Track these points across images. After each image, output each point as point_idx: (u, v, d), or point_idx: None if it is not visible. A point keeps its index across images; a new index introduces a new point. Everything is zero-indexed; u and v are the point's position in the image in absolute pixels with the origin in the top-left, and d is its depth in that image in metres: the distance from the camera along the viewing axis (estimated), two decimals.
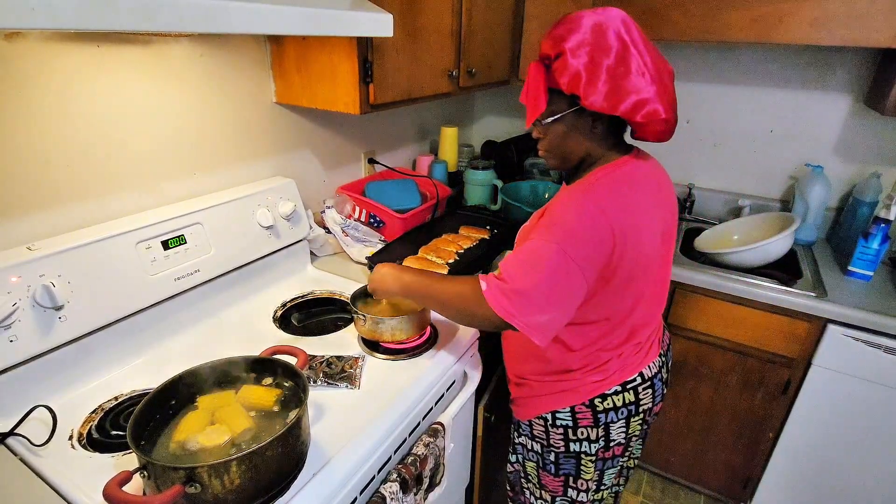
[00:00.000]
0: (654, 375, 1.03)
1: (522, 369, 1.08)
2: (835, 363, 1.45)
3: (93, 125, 0.99)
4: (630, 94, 0.83)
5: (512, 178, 2.00)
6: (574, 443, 1.03)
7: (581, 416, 1.01)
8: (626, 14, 0.85)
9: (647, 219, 0.90)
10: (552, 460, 1.07)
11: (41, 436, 0.81)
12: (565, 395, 1.01)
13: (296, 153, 1.50)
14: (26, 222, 0.93)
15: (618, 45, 0.83)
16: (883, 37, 1.34)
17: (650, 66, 0.84)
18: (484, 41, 1.61)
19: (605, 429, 1.01)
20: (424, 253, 1.43)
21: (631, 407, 1.01)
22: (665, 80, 0.86)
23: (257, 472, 0.68)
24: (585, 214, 0.84)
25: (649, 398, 1.03)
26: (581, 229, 0.83)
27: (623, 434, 1.03)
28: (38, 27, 0.51)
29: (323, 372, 1.00)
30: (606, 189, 0.88)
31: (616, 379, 0.99)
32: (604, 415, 1.00)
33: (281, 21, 0.78)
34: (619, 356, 0.98)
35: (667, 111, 0.86)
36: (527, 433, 1.10)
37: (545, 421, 1.04)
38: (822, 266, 1.62)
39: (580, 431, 1.02)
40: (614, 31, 0.83)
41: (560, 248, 0.82)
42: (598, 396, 0.99)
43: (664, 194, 0.97)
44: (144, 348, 1.05)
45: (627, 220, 0.85)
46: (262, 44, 1.30)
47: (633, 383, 1.00)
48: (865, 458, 1.50)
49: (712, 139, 1.96)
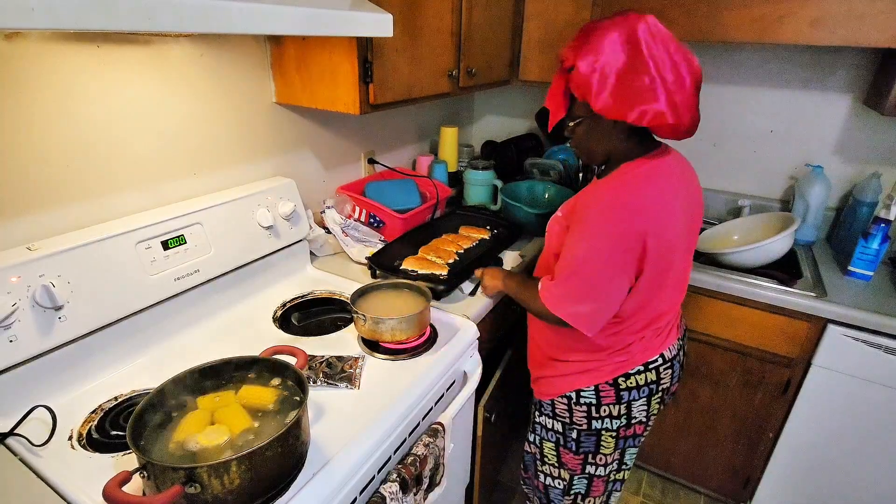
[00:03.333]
0: (674, 357, 1.10)
1: (548, 350, 1.14)
2: (835, 363, 1.45)
3: (93, 125, 0.99)
4: (637, 104, 0.88)
5: (512, 178, 2.00)
6: (597, 420, 1.10)
7: (605, 394, 1.07)
8: (648, 20, 0.89)
9: (672, 213, 0.95)
10: (574, 438, 1.14)
11: (41, 436, 0.81)
12: (590, 374, 1.07)
13: (296, 153, 1.50)
14: (26, 222, 0.93)
15: (629, 55, 0.87)
16: (883, 37, 1.34)
17: (665, 72, 0.87)
18: (484, 41, 1.61)
19: (628, 407, 1.08)
20: (424, 253, 1.43)
21: (652, 386, 1.08)
22: (685, 85, 0.89)
23: (257, 472, 0.68)
24: (614, 210, 0.92)
25: (668, 378, 1.09)
26: (610, 225, 0.91)
27: (644, 412, 1.10)
28: (38, 27, 0.51)
29: (323, 372, 1.00)
30: (633, 188, 0.93)
31: (639, 359, 1.06)
32: (626, 393, 1.07)
33: (281, 21, 0.78)
34: (640, 339, 1.05)
35: (676, 116, 0.89)
36: (548, 412, 1.16)
37: (569, 399, 1.11)
38: (822, 266, 1.62)
39: (603, 409, 1.08)
40: (628, 40, 0.87)
41: (591, 245, 0.92)
42: (621, 375, 1.06)
43: (689, 188, 1.02)
44: (144, 348, 1.05)
45: (654, 220, 0.92)
46: (262, 44, 1.30)
47: (655, 364, 1.07)
48: (865, 457, 1.50)
49: (712, 139, 1.96)
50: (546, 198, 1.92)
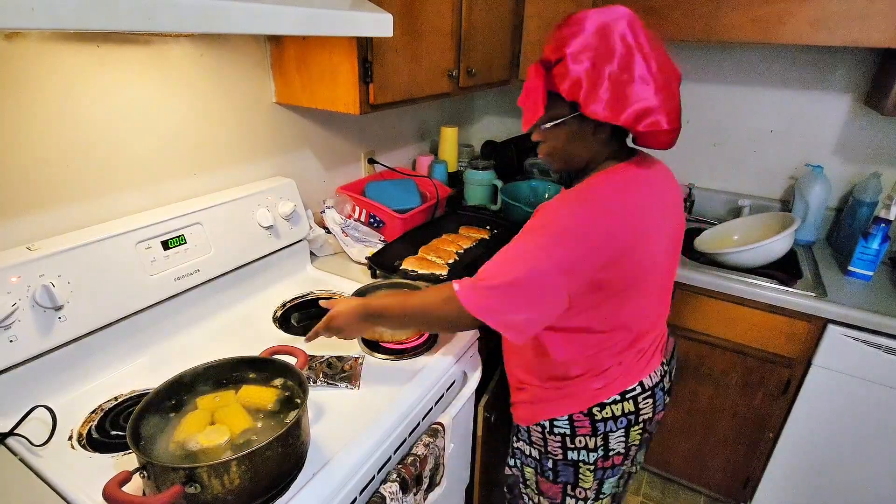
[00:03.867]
0: (656, 385, 1.00)
1: (523, 375, 1.06)
2: (835, 363, 1.45)
3: (93, 125, 0.99)
4: (632, 104, 0.80)
5: (512, 178, 2.00)
6: (572, 451, 1.01)
7: (579, 424, 0.98)
8: (632, 13, 0.82)
9: (649, 224, 0.86)
10: (550, 467, 1.05)
11: (41, 436, 0.81)
12: (563, 402, 0.99)
13: (296, 153, 1.50)
14: (26, 222, 0.93)
15: (622, 49, 0.79)
16: (883, 37, 1.34)
17: (656, 71, 0.80)
18: (484, 41, 1.61)
19: (604, 438, 0.99)
20: (424, 253, 1.43)
21: (630, 416, 0.98)
22: (672, 87, 0.83)
23: (257, 472, 0.68)
24: (578, 219, 0.81)
25: (650, 408, 1.00)
26: (572, 234, 0.80)
27: (622, 444, 1.00)
28: (38, 27, 0.51)
29: (323, 372, 1.00)
30: (604, 194, 0.85)
31: (616, 387, 0.96)
32: (602, 424, 0.97)
33: (281, 21, 0.78)
34: (619, 363, 0.96)
35: (671, 121, 0.82)
36: (525, 439, 1.08)
37: (543, 428, 1.02)
38: (822, 266, 1.62)
39: (578, 440, 1.00)
40: (619, 33, 0.80)
41: (543, 251, 0.80)
42: (596, 405, 0.97)
43: (669, 199, 0.94)
44: (144, 348, 1.05)
45: (627, 227, 0.82)
46: (262, 44, 1.30)
47: (633, 393, 0.97)
48: (865, 457, 1.50)
49: (712, 139, 1.96)
50: (546, 198, 1.92)
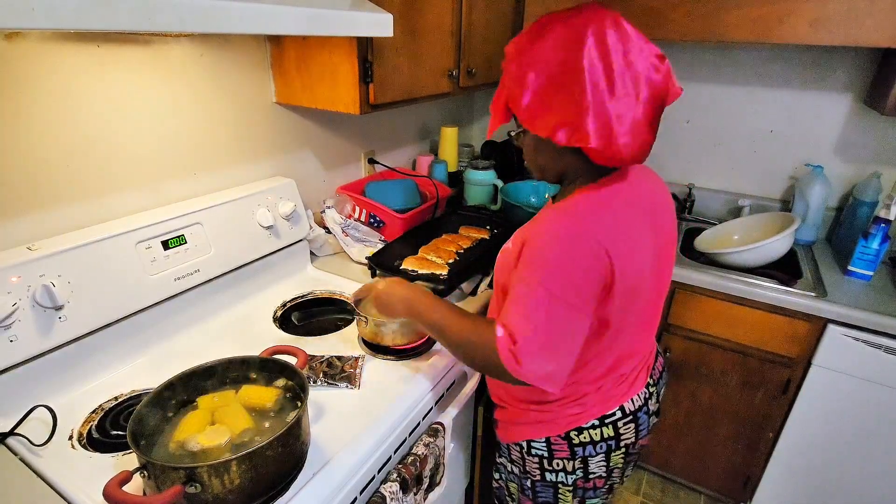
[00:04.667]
0: (639, 409, 0.95)
1: (502, 394, 1.02)
2: (835, 363, 1.45)
3: (93, 125, 0.99)
4: (556, 118, 0.74)
5: (512, 178, 1.99)
6: (550, 472, 0.97)
7: (557, 447, 0.94)
8: (609, 18, 0.74)
9: (636, 242, 0.81)
10: (529, 486, 1.02)
11: (41, 436, 0.81)
12: (541, 425, 0.95)
13: (296, 153, 1.50)
14: (26, 222, 0.93)
15: (564, 58, 0.73)
16: (883, 37, 1.34)
17: (609, 82, 0.72)
18: (484, 41, 1.61)
19: (583, 462, 0.94)
20: (424, 253, 1.43)
21: (611, 442, 0.93)
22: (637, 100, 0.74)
23: (257, 472, 0.68)
24: (565, 242, 0.76)
25: (631, 433, 0.94)
26: (564, 261, 0.75)
27: (604, 468, 0.96)
28: (38, 27, 0.51)
29: (323, 372, 1.00)
30: (588, 212, 0.79)
31: (594, 412, 0.91)
32: (581, 448, 0.93)
33: (281, 21, 0.78)
34: (598, 389, 0.91)
35: (605, 139, 0.73)
36: (506, 455, 1.06)
37: (521, 448, 0.99)
38: (822, 266, 1.62)
39: (556, 462, 0.96)
40: (572, 39, 0.73)
41: (547, 290, 0.74)
42: (574, 430, 0.92)
43: (659, 213, 0.88)
44: (144, 348, 1.05)
45: (618, 244, 0.77)
46: (262, 44, 1.30)
47: (613, 418, 0.92)
48: (865, 457, 1.50)
49: (712, 139, 1.96)
50: (546, 198, 1.92)
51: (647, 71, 0.75)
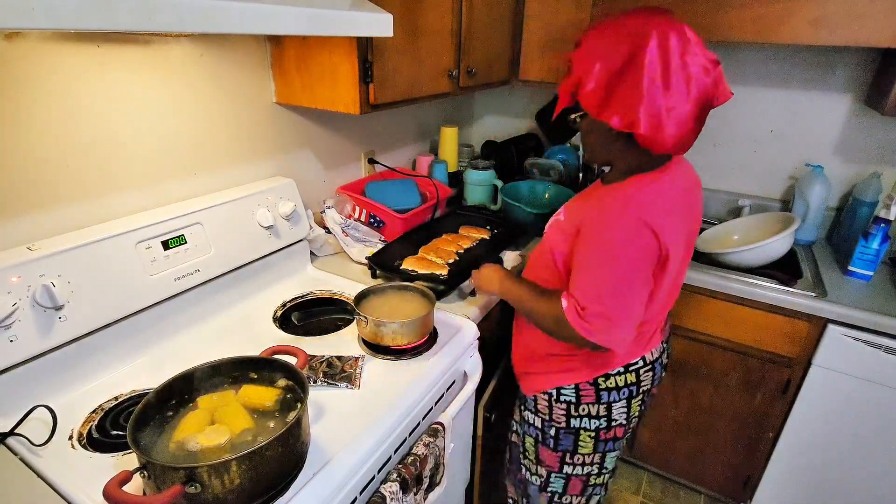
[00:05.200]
0: (656, 360, 1.10)
1: (532, 347, 1.13)
2: (835, 363, 1.45)
3: (93, 125, 0.99)
4: (615, 106, 0.84)
5: (512, 178, 1.99)
6: (575, 419, 1.10)
7: (584, 393, 1.07)
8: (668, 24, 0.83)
9: (678, 227, 0.93)
10: (552, 435, 1.13)
11: (41, 436, 0.81)
12: (571, 373, 1.07)
13: (296, 153, 1.50)
14: (26, 222, 0.93)
15: (626, 56, 0.83)
16: (883, 37, 1.34)
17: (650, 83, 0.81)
18: (484, 41, 1.61)
19: (608, 408, 1.08)
20: (424, 253, 1.43)
21: (632, 388, 1.07)
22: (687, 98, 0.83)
23: (257, 472, 0.68)
24: (629, 228, 0.87)
25: (649, 380, 1.10)
26: (629, 243, 0.88)
27: (624, 414, 1.09)
28: (38, 27, 0.51)
29: (323, 372, 1.00)
30: (645, 200, 0.90)
31: (620, 361, 1.05)
32: (606, 393, 1.07)
33: (281, 21, 0.78)
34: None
35: (653, 127, 0.83)
36: (531, 408, 1.16)
37: (549, 396, 1.11)
38: (822, 266, 1.62)
39: (582, 408, 1.08)
40: (634, 39, 0.82)
41: (615, 267, 0.88)
42: (601, 376, 1.06)
43: (693, 200, 1.00)
44: (144, 348, 1.05)
45: (667, 230, 0.89)
46: (262, 44, 1.30)
47: (636, 366, 1.07)
48: (865, 457, 1.50)
49: (712, 139, 1.96)
50: (546, 198, 1.92)
51: (699, 73, 0.84)
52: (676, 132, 0.84)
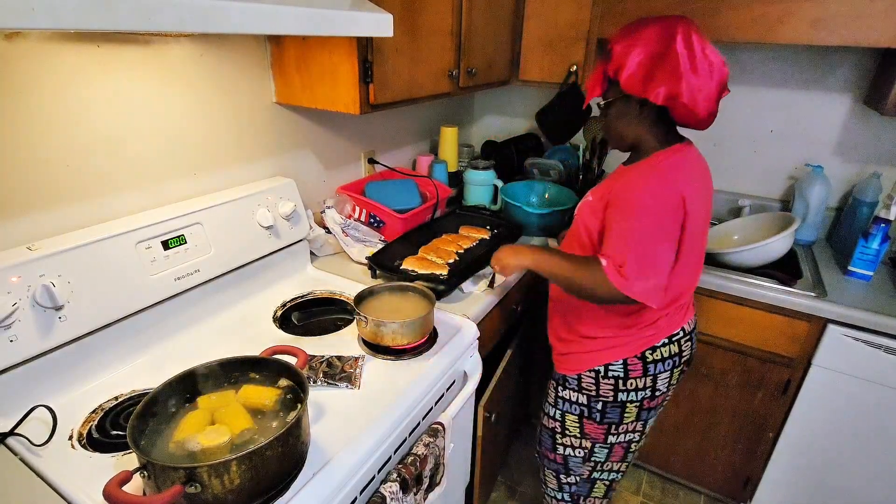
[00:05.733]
0: (692, 330, 1.20)
1: (577, 326, 1.19)
2: (835, 363, 1.45)
3: (93, 125, 0.99)
4: (657, 82, 0.97)
5: (512, 178, 2.00)
6: (623, 392, 1.16)
7: (633, 367, 1.14)
8: (688, 25, 0.98)
9: (699, 195, 1.04)
10: (599, 409, 1.19)
11: (41, 436, 0.81)
12: (619, 349, 1.14)
13: (296, 153, 1.50)
14: (26, 222, 0.93)
15: (662, 45, 0.97)
16: (883, 37, 1.34)
17: (693, 64, 0.96)
18: (484, 41, 1.61)
19: (654, 379, 1.15)
20: (424, 253, 1.43)
21: (675, 358, 1.16)
22: (711, 79, 0.98)
23: (257, 472, 0.68)
24: (655, 188, 0.99)
25: (689, 349, 1.19)
26: (655, 201, 0.98)
27: (667, 383, 1.17)
28: (38, 27, 0.51)
29: (323, 372, 1.00)
30: (668, 168, 1.02)
31: (665, 332, 1.13)
32: (653, 366, 1.14)
33: (281, 21, 0.78)
34: (666, 315, 1.13)
35: (692, 99, 0.97)
36: (573, 387, 1.21)
37: (596, 373, 1.17)
38: (822, 266, 1.62)
39: (630, 382, 1.15)
40: (664, 35, 0.97)
41: (644, 223, 0.98)
42: (648, 349, 1.13)
43: (708, 177, 1.12)
44: (144, 348, 1.05)
45: (689, 193, 0.99)
46: (262, 44, 1.30)
47: (678, 336, 1.15)
48: (865, 457, 1.50)
49: (712, 139, 1.96)
50: (546, 198, 1.92)
51: (719, 63, 0.99)
52: (707, 107, 0.99)
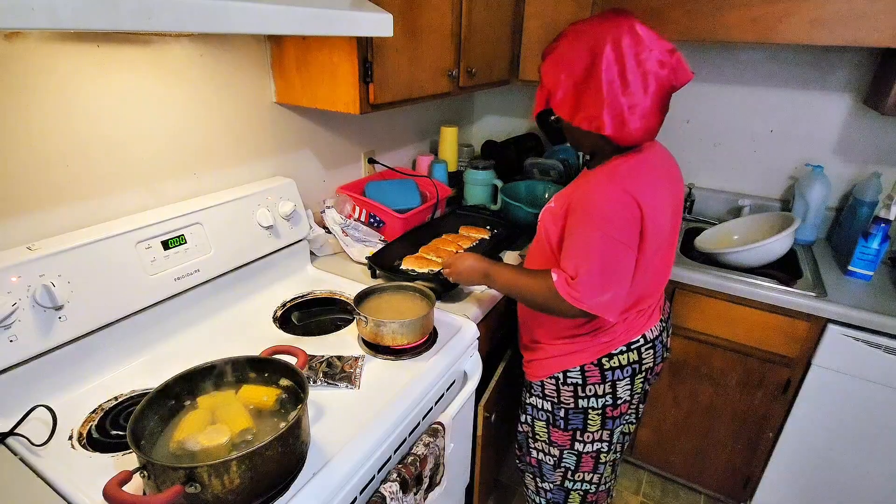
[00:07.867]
0: (656, 338, 1.15)
1: (536, 334, 1.18)
2: (835, 363, 1.45)
3: (93, 125, 0.99)
4: (581, 111, 0.95)
5: (512, 178, 2.00)
6: (583, 399, 1.14)
7: (590, 374, 1.12)
8: (625, 25, 0.91)
9: (661, 197, 1.00)
10: (562, 416, 1.18)
11: (41, 436, 0.81)
12: (575, 355, 1.12)
13: (296, 153, 1.50)
14: (26, 222, 0.93)
15: (587, 64, 0.92)
16: (883, 37, 1.34)
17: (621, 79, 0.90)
18: (484, 41, 1.61)
19: (612, 386, 1.12)
20: (424, 253, 1.43)
21: (635, 366, 1.12)
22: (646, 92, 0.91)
23: (257, 472, 0.68)
24: (612, 196, 0.95)
25: (651, 358, 1.14)
26: (613, 210, 0.94)
27: (628, 391, 1.14)
28: (38, 27, 0.51)
29: (323, 372, 1.00)
30: (625, 173, 0.97)
31: (622, 340, 1.10)
32: (610, 372, 1.11)
33: (281, 21, 0.78)
34: (624, 321, 1.09)
35: (618, 126, 0.93)
36: (538, 393, 1.20)
37: (556, 380, 1.15)
38: (822, 266, 1.62)
39: (588, 388, 1.13)
40: (592, 49, 0.91)
41: (602, 233, 0.93)
42: (605, 356, 1.10)
43: (673, 174, 1.08)
44: (144, 348, 1.05)
45: (647, 199, 0.95)
46: (262, 44, 1.30)
47: (637, 344, 1.11)
48: (865, 457, 1.50)
49: (712, 139, 1.96)
50: (546, 198, 1.92)
51: (654, 68, 0.91)
52: (642, 124, 0.94)
